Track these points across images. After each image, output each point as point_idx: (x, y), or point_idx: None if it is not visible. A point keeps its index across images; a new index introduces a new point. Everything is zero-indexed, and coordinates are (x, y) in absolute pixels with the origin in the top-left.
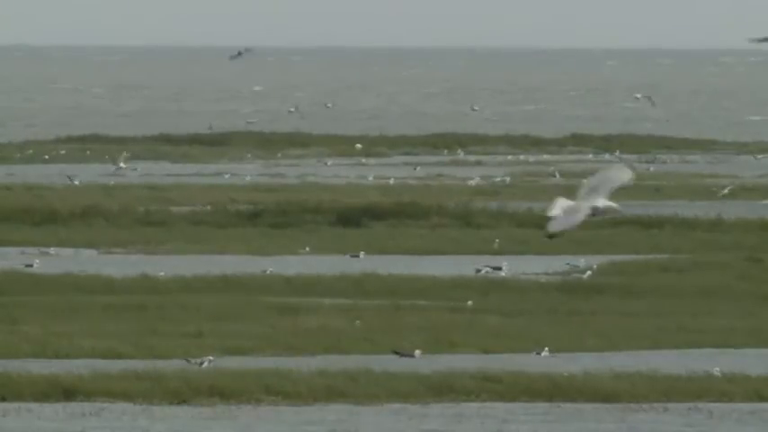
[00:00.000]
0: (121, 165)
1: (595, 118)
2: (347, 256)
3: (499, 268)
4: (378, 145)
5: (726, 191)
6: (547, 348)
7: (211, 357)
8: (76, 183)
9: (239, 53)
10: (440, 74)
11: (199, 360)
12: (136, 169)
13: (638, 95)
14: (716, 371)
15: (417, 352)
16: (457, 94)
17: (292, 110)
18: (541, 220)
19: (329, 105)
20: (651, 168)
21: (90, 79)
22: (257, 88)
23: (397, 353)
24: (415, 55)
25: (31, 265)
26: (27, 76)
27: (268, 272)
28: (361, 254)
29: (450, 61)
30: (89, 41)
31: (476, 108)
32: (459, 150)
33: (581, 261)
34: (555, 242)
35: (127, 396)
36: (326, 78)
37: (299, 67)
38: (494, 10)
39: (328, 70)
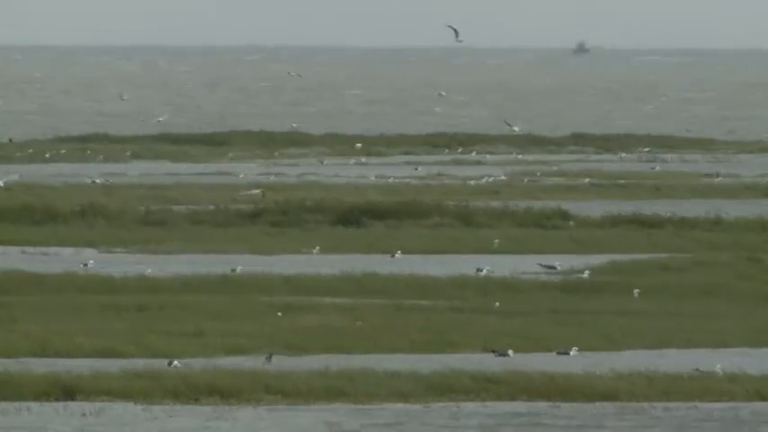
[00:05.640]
0: None
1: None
2: (387, 257)
3: (553, 267)
4: (378, 145)
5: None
6: (576, 348)
7: (177, 363)
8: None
9: None
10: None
11: (168, 360)
12: None
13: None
14: (716, 370)
15: (511, 351)
16: None
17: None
18: (541, 220)
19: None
20: (651, 168)
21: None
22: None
23: (493, 351)
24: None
25: (86, 265)
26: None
27: (238, 269)
28: (398, 253)
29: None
30: None
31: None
32: (459, 149)
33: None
34: (555, 242)
35: (127, 395)
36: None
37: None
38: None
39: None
